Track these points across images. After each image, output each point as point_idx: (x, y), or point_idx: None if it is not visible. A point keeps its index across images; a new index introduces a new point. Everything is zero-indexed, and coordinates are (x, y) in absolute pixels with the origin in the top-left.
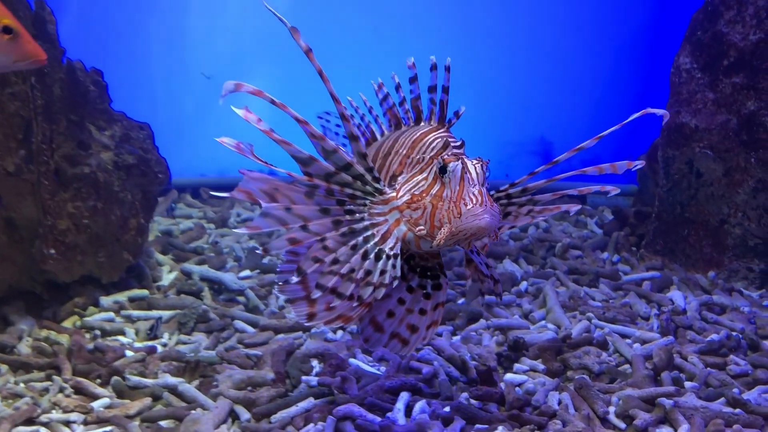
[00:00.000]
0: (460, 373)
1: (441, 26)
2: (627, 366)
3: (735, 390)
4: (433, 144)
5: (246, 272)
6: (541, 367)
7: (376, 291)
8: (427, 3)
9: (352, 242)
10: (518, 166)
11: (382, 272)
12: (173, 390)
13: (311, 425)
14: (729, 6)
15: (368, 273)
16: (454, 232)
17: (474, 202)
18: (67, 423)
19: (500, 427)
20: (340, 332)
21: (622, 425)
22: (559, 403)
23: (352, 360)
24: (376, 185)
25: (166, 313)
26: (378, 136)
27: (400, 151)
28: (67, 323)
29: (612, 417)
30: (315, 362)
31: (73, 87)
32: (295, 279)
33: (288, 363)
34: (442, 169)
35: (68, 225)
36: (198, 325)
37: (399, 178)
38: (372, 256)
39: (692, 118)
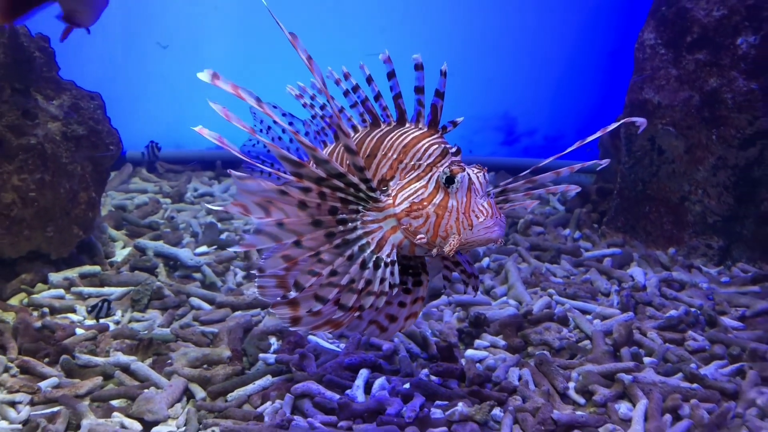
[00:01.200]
0: (421, 350)
1: (406, 2)
2: (587, 342)
3: (692, 365)
4: (429, 151)
5: (203, 248)
6: (502, 343)
7: (377, 300)
8: None
9: (348, 252)
10: (482, 142)
11: (382, 280)
12: (125, 369)
13: (268, 403)
14: None
15: (368, 282)
16: (462, 243)
17: (485, 214)
18: (13, 404)
19: (460, 404)
20: None
21: (582, 400)
22: (520, 378)
23: (311, 337)
24: (371, 194)
25: (118, 290)
26: (348, 129)
27: (390, 154)
28: (14, 301)
29: (572, 392)
30: (273, 339)
31: (17, 53)
32: (292, 294)
33: (245, 340)
34: (449, 180)
35: (13, 198)
36: (152, 302)
37: (391, 184)
38: (370, 265)
39: (655, 94)
